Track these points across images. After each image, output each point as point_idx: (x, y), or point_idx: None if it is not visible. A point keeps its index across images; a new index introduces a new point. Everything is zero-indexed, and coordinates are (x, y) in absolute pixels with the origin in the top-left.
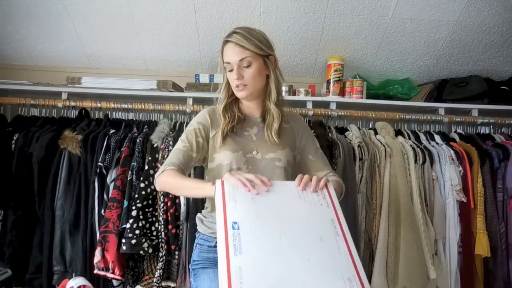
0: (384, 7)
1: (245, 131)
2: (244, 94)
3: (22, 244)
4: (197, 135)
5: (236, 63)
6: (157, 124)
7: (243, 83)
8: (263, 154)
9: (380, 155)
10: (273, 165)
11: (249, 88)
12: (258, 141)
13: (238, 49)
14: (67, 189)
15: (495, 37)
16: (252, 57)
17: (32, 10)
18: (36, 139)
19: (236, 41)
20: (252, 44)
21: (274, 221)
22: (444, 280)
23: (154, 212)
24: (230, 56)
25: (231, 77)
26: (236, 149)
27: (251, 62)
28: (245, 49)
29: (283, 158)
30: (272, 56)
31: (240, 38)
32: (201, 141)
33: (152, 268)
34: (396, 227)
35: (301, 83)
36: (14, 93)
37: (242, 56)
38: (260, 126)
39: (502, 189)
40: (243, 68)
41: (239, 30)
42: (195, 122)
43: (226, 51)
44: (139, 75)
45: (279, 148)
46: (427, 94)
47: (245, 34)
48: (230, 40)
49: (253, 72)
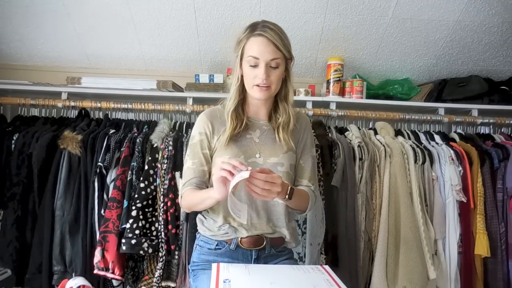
0: (384, 7)
1: (248, 134)
2: (266, 95)
3: (22, 244)
4: (202, 147)
5: (266, 61)
6: (157, 124)
7: (268, 83)
8: (265, 158)
9: (380, 155)
10: (275, 170)
11: (271, 89)
12: (261, 144)
13: (272, 47)
14: (67, 189)
15: (495, 37)
16: (281, 59)
17: (32, 10)
18: (36, 139)
19: (272, 39)
20: (285, 46)
21: (265, 277)
22: (444, 280)
23: (154, 212)
24: (261, 52)
25: (253, 74)
26: (238, 154)
27: (279, 64)
28: (278, 49)
29: (285, 162)
30: (291, 60)
31: (275, 37)
32: (207, 152)
33: (152, 268)
34: (396, 227)
35: (301, 83)
36: (14, 93)
37: (275, 56)
38: (262, 129)
39: (502, 189)
40: (270, 68)
41: (272, 26)
42: (197, 133)
43: (255, 44)
44: (139, 75)
45: (282, 152)
46: (427, 94)
47: (279, 34)
48: (264, 35)
49: (279, 75)
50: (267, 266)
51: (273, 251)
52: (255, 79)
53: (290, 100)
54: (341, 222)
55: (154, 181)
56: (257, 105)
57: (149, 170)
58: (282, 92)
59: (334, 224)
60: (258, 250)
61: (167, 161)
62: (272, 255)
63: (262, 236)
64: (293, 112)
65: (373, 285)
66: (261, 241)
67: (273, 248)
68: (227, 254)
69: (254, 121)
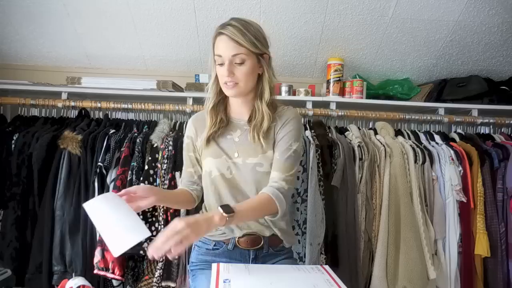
0: (384, 7)
1: (229, 134)
2: (234, 92)
3: (22, 244)
4: (188, 149)
5: (228, 58)
6: (157, 124)
7: (233, 80)
8: (244, 158)
9: (380, 155)
10: (255, 171)
11: (240, 86)
12: (240, 143)
13: (232, 43)
14: (67, 189)
15: (495, 37)
16: (246, 54)
17: (32, 10)
18: (36, 139)
19: (231, 35)
20: (248, 40)
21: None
22: (444, 280)
23: (154, 212)
24: (222, 50)
25: (220, 72)
26: (219, 155)
27: (245, 59)
28: (239, 45)
29: (265, 162)
30: (267, 54)
31: (235, 32)
32: (193, 155)
33: (152, 268)
34: (396, 227)
35: (301, 83)
36: (14, 93)
37: (236, 52)
38: (243, 129)
39: (502, 189)
40: (235, 65)
41: (235, 22)
42: (185, 136)
43: (218, 42)
44: (139, 75)
45: (260, 152)
46: (427, 94)
47: (241, 29)
48: (224, 33)
49: (246, 70)
50: (267, 266)
51: (271, 251)
52: (222, 78)
53: (265, 98)
54: (341, 222)
55: (154, 181)
56: (237, 104)
57: (149, 170)
58: (258, 89)
59: (334, 224)
60: (256, 250)
61: (167, 161)
62: (270, 254)
63: (259, 235)
64: (267, 112)
65: (373, 285)
66: (258, 241)
67: (271, 248)
68: (225, 254)
69: (236, 121)
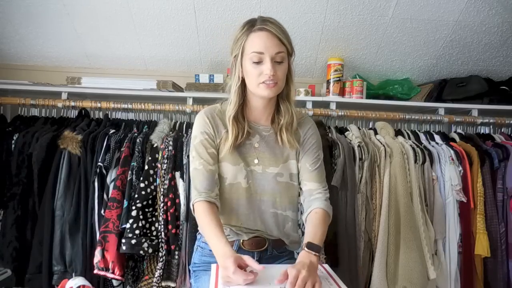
0: (384, 7)
1: (248, 139)
2: (273, 92)
3: (22, 244)
4: (206, 146)
5: (271, 56)
6: (157, 124)
7: (275, 80)
8: (264, 167)
9: (380, 155)
10: (275, 181)
11: (279, 86)
12: (260, 150)
13: (276, 40)
14: (67, 189)
15: (495, 37)
16: (285, 53)
17: (32, 10)
18: (36, 139)
19: (274, 32)
20: (287, 39)
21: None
22: (444, 280)
23: (154, 212)
24: (264, 46)
25: (258, 71)
26: (237, 162)
27: (284, 58)
28: (282, 43)
29: (285, 172)
30: (292, 55)
31: (278, 30)
32: (213, 151)
33: (152, 268)
34: (396, 227)
35: (301, 83)
36: (14, 93)
37: (279, 50)
38: (262, 134)
39: (502, 189)
40: (275, 63)
41: (272, 19)
42: (199, 132)
43: (257, 39)
44: (139, 75)
45: (282, 162)
46: (427, 94)
47: (280, 27)
48: (267, 29)
49: (284, 70)
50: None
51: (275, 253)
52: (261, 76)
53: (292, 99)
54: (341, 222)
55: (154, 181)
56: (259, 108)
57: (149, 170)
58: (284, 90)
59: (334, 224)
60: (260, 251)
61: (167, 161)
62: (274, 256)
63: (264, 238)
64: (296, 112)
65: (373, 285)
66: (263, 243)
67: (274, 250)
68: None
69: (255, 126)
